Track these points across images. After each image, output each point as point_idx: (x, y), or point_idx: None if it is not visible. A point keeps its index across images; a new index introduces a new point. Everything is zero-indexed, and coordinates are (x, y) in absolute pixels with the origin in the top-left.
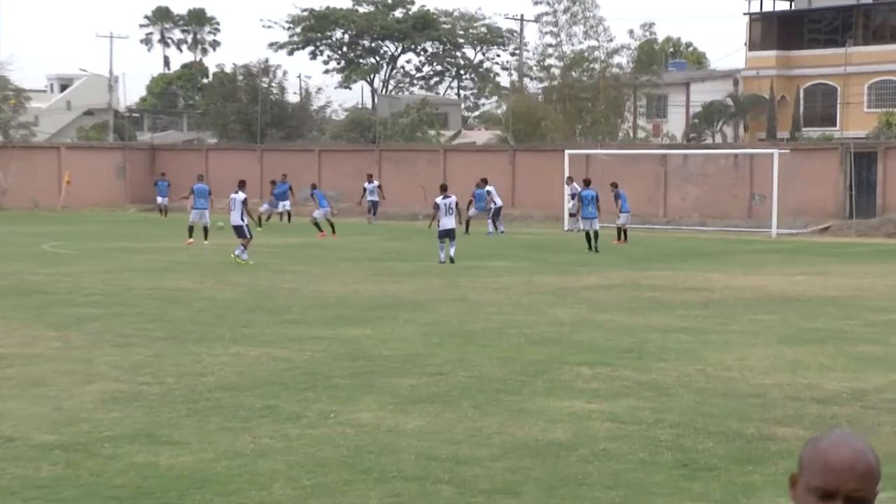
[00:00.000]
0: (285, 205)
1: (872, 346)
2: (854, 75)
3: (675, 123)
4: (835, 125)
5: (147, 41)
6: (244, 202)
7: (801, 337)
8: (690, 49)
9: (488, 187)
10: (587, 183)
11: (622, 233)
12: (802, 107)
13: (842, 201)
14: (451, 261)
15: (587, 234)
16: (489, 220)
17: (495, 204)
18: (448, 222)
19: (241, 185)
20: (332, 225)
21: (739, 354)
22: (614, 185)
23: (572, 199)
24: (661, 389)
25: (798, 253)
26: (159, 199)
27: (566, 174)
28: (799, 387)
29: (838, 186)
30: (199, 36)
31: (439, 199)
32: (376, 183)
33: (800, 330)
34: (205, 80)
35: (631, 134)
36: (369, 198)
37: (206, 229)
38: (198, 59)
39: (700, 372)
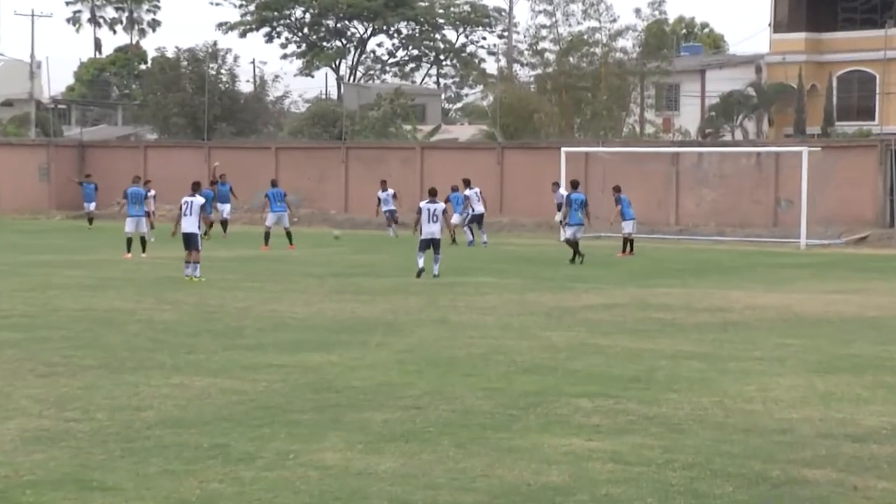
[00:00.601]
0: (224, 209)
1: None
2: (895, 61)
3: (689, 117)
4: (873, 119)
5: (75, 21)
6: (203, 208)
7: (835, 365)
8: (706, 31)
9: (468, 190)
10: (574, 185)
11: (628, 244)
12: (836, 97)
13: (882, 207)
14: (436, 276)
15: (574, 244)
16: (465, 228)
17: (473, 210)
18: (431, 230)
19: (197, 188)
20: (289, 235)
21: (763, 385)
22: (617, 190)
23: (559, 208)
24: (672, 425)
25: (831, 267)
26: (86, 206)
27: (562, 175)
28: (832, 422)
29: (878, 190)
30: (135, 15)
31: (423, 203)
32: (391, 191)
33: (833, 357)
34: (143, 67)
35: (637, 129)
36: (385, 207)
37: (143, 240)
38: (134, 41)
39: (717, 405)
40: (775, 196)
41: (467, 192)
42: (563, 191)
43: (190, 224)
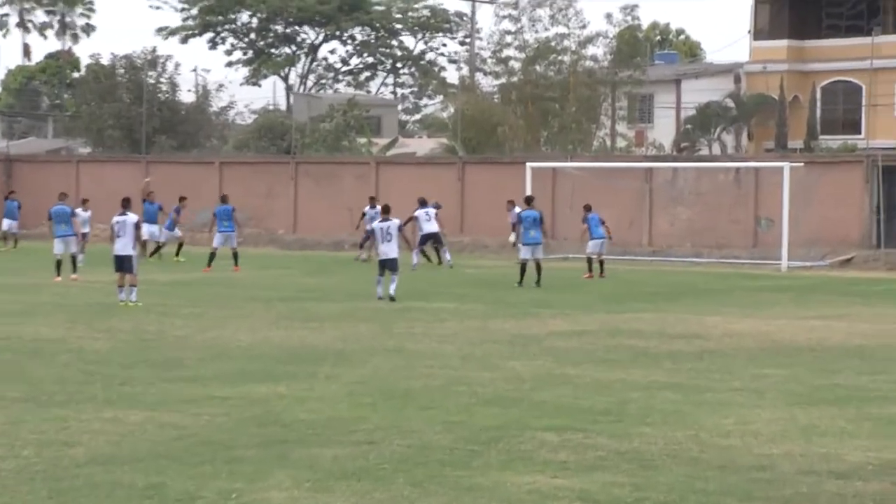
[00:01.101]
0: (152, 231)
1: None
2: (883, 71)
3: (663, 130)
4: (859, 132)
5: (1, 25)
6: (137, 226)
7: (817, 396)
8: (682, 38)
9: (418, 210)
10: (528, 201)
11: (597, 264)
12: (819, 109)
13: (868, 227)
14: (392, 299)
15: (524, 266)
16: (415, 250)
17: (421, 231)
18: (387, 250)
19: (127, 205)
20: (235, 255)
21: (741, 417)
22: (587, 208)
23: (514, 228)
24: (644, 461)
25: (813, 291)
26: (5, 224)
27: (527, 191)
28: (814, 458)
29: (863, 208)
30: (68, 19)
31: (376, 223)
32: (379, 208)
33: (815, 388)
34: (75, 75)
35: (608, 143)
36: (369, 226)
37: (74, 260)
38: (66, 47)
39: (692, 439)
40: (755, 215)
41: (416, 212)
42: (518, 209)
43: (123, 245)
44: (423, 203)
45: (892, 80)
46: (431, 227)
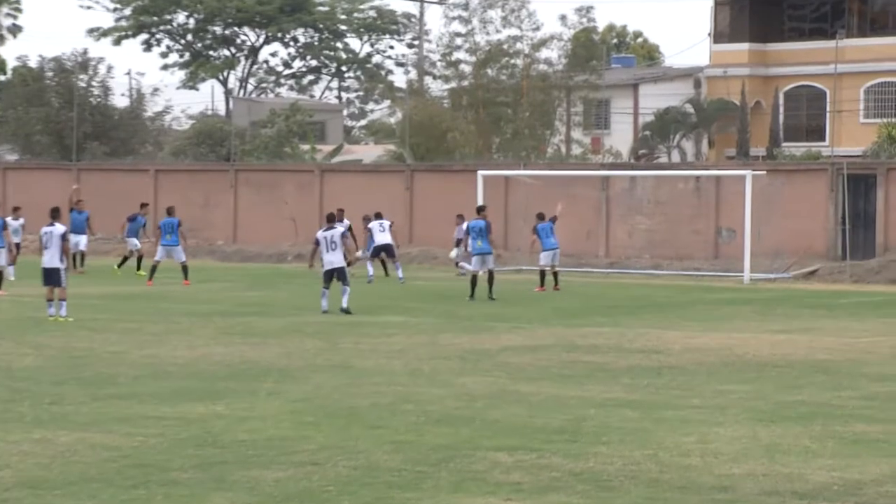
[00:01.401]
0: (80, 241)
1: (870, 426)
2: (848, 75)
3: (621, 136)
4: (823, 139)
5: None
6: (63, 237)
7: (781, 413)
8: (640, 41)
9: (377, 221)
10: (478, 210)
11: (550, 276)
12: (782, 115)
13: (833, 238)
14: (346, 311)
15: (474, 279)
16: (368, 262)
17: (374, 241)
18: (333, 259)
19: (56, 215)
20: (184, 269)
21: (702, 436)
22: (540, 217)
23: (457, 244)
24: (601, 482)
25: (777, 304)
26: None
27: (479, 200)
28: (777, 477)
29: (828, 219)
30: None
31: (320, 233)
32: (388, 222)
33: (778, 404)
34: (1, 78)
35: (563, 150)
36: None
37: (0, 275)
38: None
39: (651, 458)
40: (716, 225)
41: (371, 223)
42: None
43: (51, 258)
44: (378, 217)
45: (857, 85)
46: (385, 238)
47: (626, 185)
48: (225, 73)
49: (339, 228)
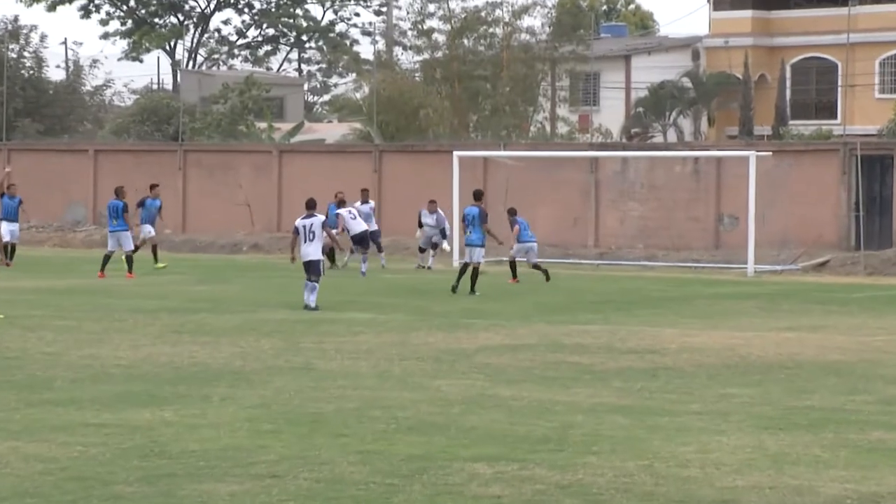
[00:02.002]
0: (11, 230)
1: (887, 433)
2: (861, 46)
3: (611, 113)
4: (834, 116)
5: None
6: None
7: (789, 419)
8: (632, 7)
9: (352, 206)
10: (476, 196)
11: (529, 268)
12: (789, 91)
13: (845, 225)
14: (313, 307)
15: (464, 269)
16: (362, 258)
17: (349, 231)
18: (308, 251)
19: None
20: (128, 260)
21: (702, 445)
22: (512, 212)
23: (420, 225)
24: (590, 496)
25: (784, 299)
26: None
27: (455, 186)
28: (785, 490)
29: (840, 204)
30: None
31: (299, 221)
32: (372, 203)
33: (786, 410)
34: None
35: (548, 128)
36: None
37: None
38: None
39: (646, 469)
40: (717, 211)
41: (340, 210)
42: (440, 215)
43: None
44: (364, 196)
45: (871, 56)
46: (356, 226)
47: (617, 168)
48: (172, 43)
49: (320, 217)
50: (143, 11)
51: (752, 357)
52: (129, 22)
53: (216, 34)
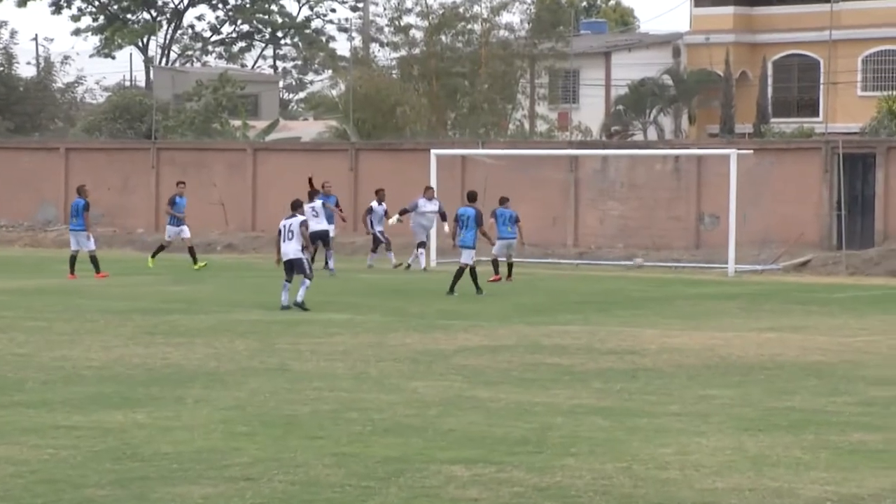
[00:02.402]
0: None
1: (868, 434)
2: (844, 43)
3: (591, 111)
4: (817, 114)
5: None
6: None
7: (769, 421)
8: (612, 4)
9: (309, 205)
10: (470, 199)
11: (508, 267)
12: (771, 88)
13: (827, 225)
14: (300, 306)
15: (461, 271)
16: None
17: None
18: (287, 249)
19: None
20: (93, 260)
21: (681, 446)
22: (502, 201)
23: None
24: (568, 498)
25: (765, 299)
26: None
27: (432, 183)
28: (765, 493)
29: (822, 203)
30: None
31: (283, 221)
32: (384, 205)
33: (767, 411)
34: None
35: (526, 126)
36: (377, 227)
37: None
38: None
39: (625, 472)
40: (697, 211)
41: (306, 205)
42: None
43: None
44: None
45: (854, 53)
46: (317, 224)
47: (596, 166)
48: (145, 40)
49: (300, 217)
50: (115, 7)
51: (732, 358)
52: (101, 18)
53: (190, 30)
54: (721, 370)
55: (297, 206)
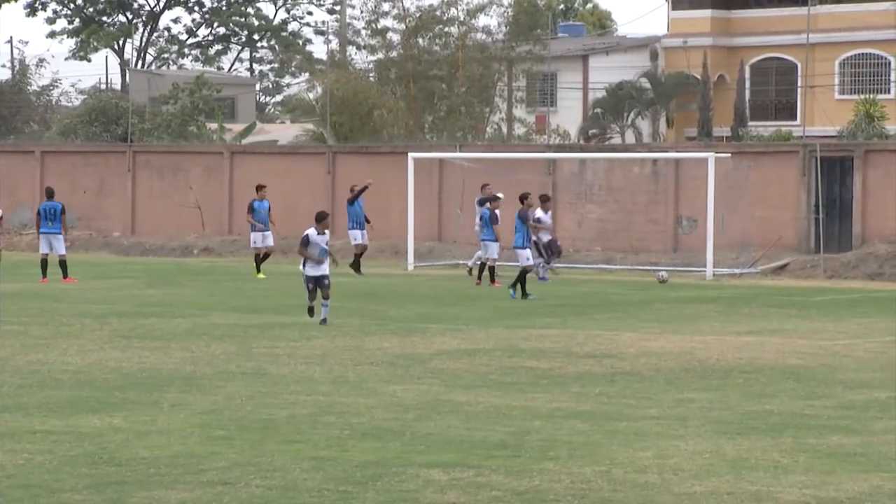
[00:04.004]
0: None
1: (846, 438)
2: (821, 46)
3: (568, 114)
4: (794, 118)
5: None
6: None
7: (748, 424)
8: (589, 7)
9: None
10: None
11: (488, 270)
12: (749, 91)
13: (805, 228)
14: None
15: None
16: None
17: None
18: (317, 268)
19: None
20: (62, 264)
21: (660, 450)
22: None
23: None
24: (547, 502)
25: (744, 302)
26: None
27: (410, 187)
28: (743, 496)
29: (800, 206)
30: None
31: (312, 232)
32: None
33: (745, 414)
34: None
35: (504, 129)
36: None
37: None
38: None
39: (603, 475)
40: (675, 214)
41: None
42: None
43: None
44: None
45: (831, 56)
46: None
47: (574, 169)
48: (120, 42)
49: (327, 235)
50: (90, 10)
51: (710, 361)
52: (77, 20)
53: (166, 33)
54: (699, 374)
55: (322, 218)
